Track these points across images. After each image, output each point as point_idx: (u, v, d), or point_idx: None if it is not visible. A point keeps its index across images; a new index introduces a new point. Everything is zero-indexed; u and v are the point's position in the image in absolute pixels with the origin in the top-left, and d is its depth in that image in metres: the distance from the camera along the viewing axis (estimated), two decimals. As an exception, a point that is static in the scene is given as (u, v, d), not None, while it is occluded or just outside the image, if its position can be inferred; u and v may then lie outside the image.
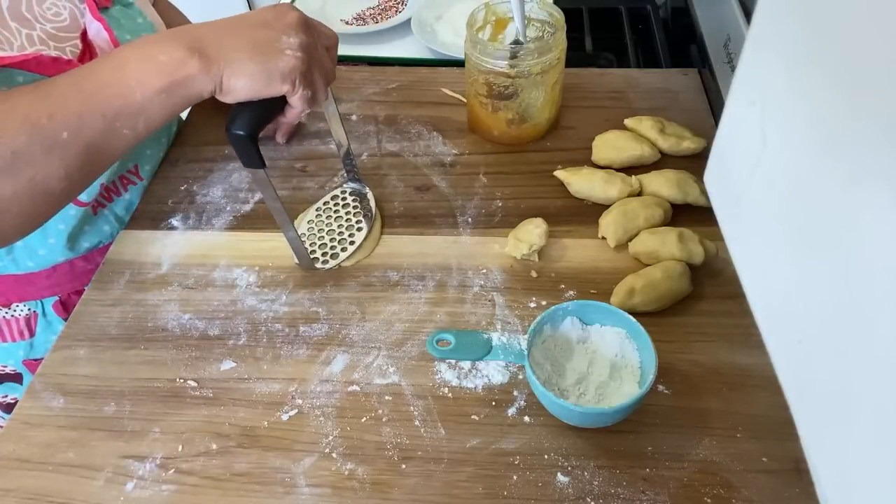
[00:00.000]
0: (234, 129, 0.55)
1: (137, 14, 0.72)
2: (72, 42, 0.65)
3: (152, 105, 0.54)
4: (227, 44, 0.55)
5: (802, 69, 0.31)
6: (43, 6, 0.63)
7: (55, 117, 0.52)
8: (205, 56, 0.54)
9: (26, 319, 0.76)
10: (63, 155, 0.53)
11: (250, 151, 0.56)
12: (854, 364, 0.27)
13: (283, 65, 0.55)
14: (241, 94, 0.55)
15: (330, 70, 0.61)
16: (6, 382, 0.80)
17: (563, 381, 0.56)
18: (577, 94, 0.87)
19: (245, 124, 0.55)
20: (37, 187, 0.53)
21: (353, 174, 0.75)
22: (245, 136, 0.55)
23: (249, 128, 0.55)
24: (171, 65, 0.53)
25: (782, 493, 0.51)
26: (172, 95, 0.54)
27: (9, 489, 0.54)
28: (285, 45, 0.55)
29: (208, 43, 0.54)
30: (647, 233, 0.66)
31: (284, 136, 0.82)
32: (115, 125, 0.54)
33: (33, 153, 0.51)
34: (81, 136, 0.53)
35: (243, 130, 0.55)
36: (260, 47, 0.55)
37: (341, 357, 0.62)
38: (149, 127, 0.55)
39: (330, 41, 0.62)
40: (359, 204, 0.74)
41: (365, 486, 0.53)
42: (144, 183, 0.79)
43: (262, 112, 0.57)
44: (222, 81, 0.54)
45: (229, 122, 0.55)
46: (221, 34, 0.55)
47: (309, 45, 0.57)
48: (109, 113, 0.53)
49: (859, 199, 0.26)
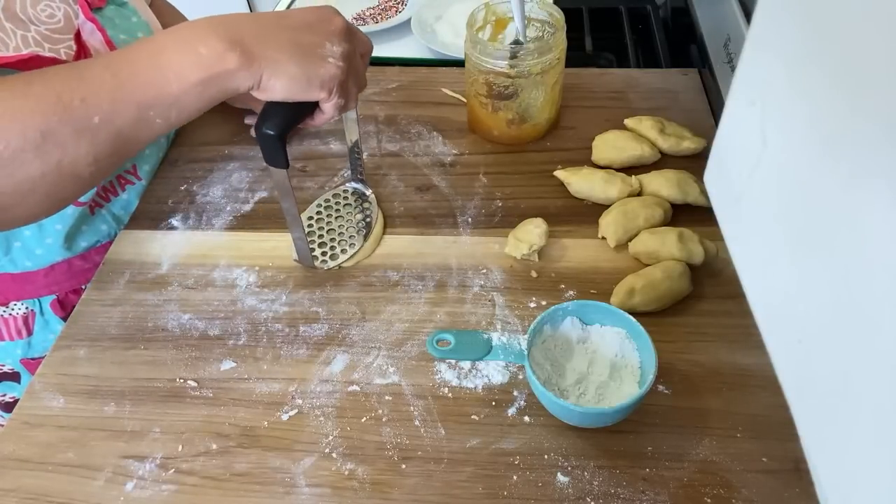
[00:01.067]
0: (264, 129, 0.56)
1: (132, 13, 0.72)
2: (66, 43, 0.65)
3: (188, 97, 0.53)
4: (269, 42, 0.54)
5: (802, 69, 0.31)
6: (37, 7, 0.63)
7: (88, 101, 0.51)
8: (246, 52, 0.53)
9: (24, 318, 0.76)
10: (93, 139, 0.52)
11: (278, 151, 0.57)
12: (854, 364, 0.27)
13: (325, 72, 0.55)
14: (278, 95, 0.55)
15: (363, 79, 0.61)
16: (4, 381, 0.80)
17: (563, 381, 0.56)
18: (577, 94, 0.87)
19: (276, 125, 0.56)
20: (64, 170, 0.52)
21: (357, 174, 0.75)
22: (275, 136, 0.56)
23: (280, 128, 0.56)
24: (210, 58, 0.52)
25: (782, 493, 0.51)
26: (209, 88, 0.53)
27: (9, 489, 0.54)
28: (328, 53, 0.55)
29: (250, 38, 0.53)
30: (647, 233, 0.66)
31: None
32: (149, 114, 0.53)
33: (64, 135, 0.51)
34: (113, 123, 0.52)
35: (274, 130, 0.56)
36: (303, 51, 0.54)
37: (341, 357, 0.62)
38: (181, 118, 0.55)
39: (366, 48, 0.62)
40: (361, 205, 0.74)
41: (365, 486, 0.53)
42: (142, 183, 0.79)
43: (293, 114, 0.57)
44: (261, 80, 0.54)
45: (260, 120, 0.56)
46: (264, 30, 0.55)
47: (350, 55, 0.57)
48: (144, 102, 0.52)
49: (859, 199, 0.26)
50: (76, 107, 0.51)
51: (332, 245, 0.70)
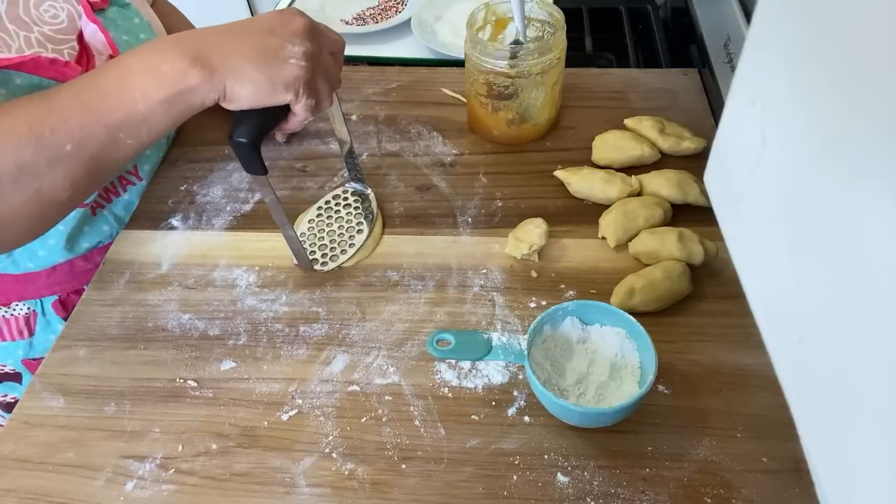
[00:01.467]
0: (236, 137, 0.55)
1: (134, 14, 0.72)
2: (69, 44, 0.65)
3: (155, 115, 0.54)
4: (230, 51, 0.54)
5: (802, 69, 0.31)
6: (40, 8, 0.63)
7: (58, 130, 0.52)
8: (208, 65, 0.53)
9: (25, 318, 0.76)
10: (68, 166, 0.53)
11: (252, 158, 0.56)
12: (854, 364, 0.27)
13: (287, 74, 0.55)
14: (245, 103, 0.55)
15: (335, 77, 0.61)
16: (5, 382, 0.80)
17: (563, 381, 0.56)
18: (577, 94, 0.87)
19: (247, 132, 0.56)
20: (43, 197, 0.54)
21: (355, 174, 0.75)
22: (247, 144, 0.56)
23: (251, 135, 0.56)
24: (173, 76, 0.53)
25: (782, 493, 0.51)
26: (175, 105, 0.54)
27: (9, 489, 0.54)
28: (290, 54, 0.55)
29: (212, 51, 0.54)
30: (647, 233, 0.66)
31: (284, 137, 0.82)
32: (119, 136, 0.54)
33: (38, 165, 0.52)
34: (85, 148, 0.53)
35: (245, 138, 0.55)
36: (264, 56, 0.54)
37: (341, 357, 0.62)
38: (152, 136, 0.55)
39: (336, 46, 0.61)
40: (360, 205, 0.74)
41: (365, 486, 0.53)
42: (144, 183, 0.79)
43: (264, 120, 0.57)
44: (225, 90, 0.54)
45: (232, 129, 0.56)
46: (226, 41, 0.55)
47: (314, 54, 0.57)
48: (112, 124, 0.53)
49: (859, 199, 0.26)
50: (47, 137, 0.51)
51: (332, 247, 0.70)
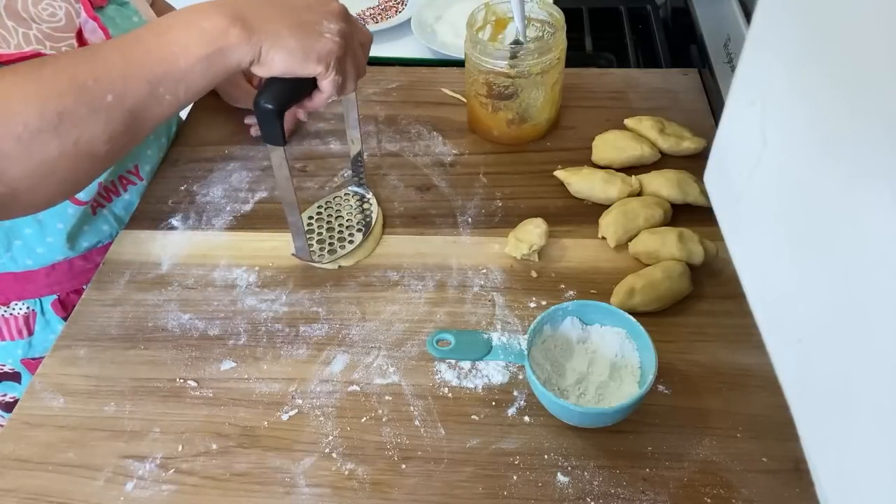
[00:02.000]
0: (263, 102, 0.56)
1: (133, 13, 0.73)
2: (67, 42, 0.65)
3: (194, 72, 0.55)
4: (270, 17, 0.56)
5: (802, 69, 0.31)
6: (39, 6, 0.63)
7: (101, 80, 0.52)
8: (247, 26, 0.55)
9: (25, 318, 0.76)
10: (108, 118, 0.53)
11: (275, 126, 0.57)
12: (854, 364, 0.27)
13: (321, 46, 0.56)
14: (277, 69, 0.56)
15: (362, 65, 0.63)
16: (5, 381, 0.80)
17: (563, 381, 0.56)
18: (577, 94, 0.87)
19: (274, 98, 0.56)
20: (81, 149, 0.54)
21: (359, 179, 0.75)
22: (273, 111, 0.56)
23: (277, 103, 0.56)
24: (213, 32, 0.54)
25: (782, 493, 0.51)
26: (214, 63, 0.55)
27: (9, 489, 0.54)
28: (325, 29, 0.57)
29: (251, 14, 0.55)
30: (647, 233, 0.66)
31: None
32: (158, 90, 0.54)
33: (79, 115, 0.52)
34: (126, 100, 0.53)
35: (272, 104, 0.56)
36: (302, 26, 0.56)
37: (341, 357, 0.62)
38: (189, 95, 0.56)
39: (365, 38, 0.64)
40: (361, 206, 0.74)
41: (365, 486, 0.53)
42: (144, 183, 0.79)
43: (292, 90, 0.58)
44: (261, 53, 0.55)
45: (259, 94, 0.56)
46: (266, 8, 0.57)
47: (347, 34, 0.59)
48: (153, 78, 0.54)
49: (859, 199, 0.26)
50: (90, 87, 0.52)
51: (330, 242, 0.70)
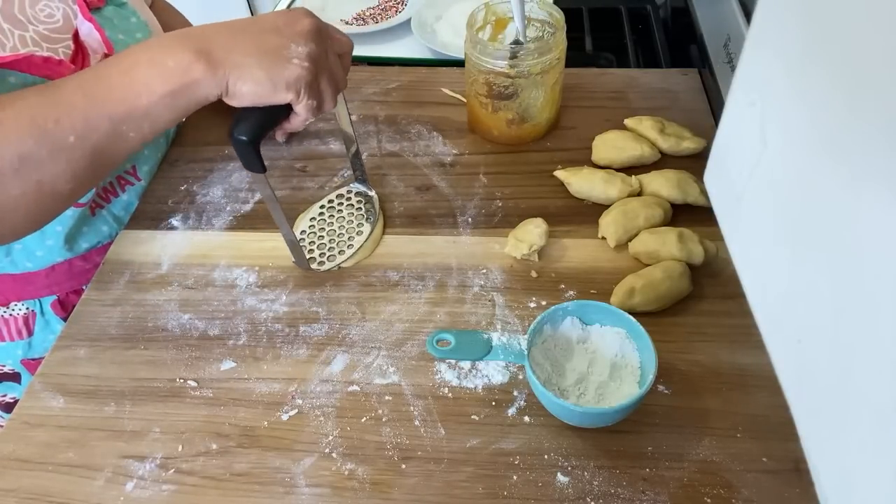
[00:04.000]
0: (236, 134, 0.56)
1: (131, 14, 0.72)
2: (64, 43, 0.65)
3: (158, 109, 0.54)
4: (235, 48, 0.55)
5: (802, 69, 0.31)
6: (36, 7, 0.63)
7: (62, 121, 0.52)
8: (211, 60, 0.54)
9: (24, 319, 0.76)
10: (70, 158, 0.53)
11: (252, 156, 0.57)
12: (854, 364, 0.27)
13: (289, 73, 0.55)
14: (247, 100, 0.56)
15: (340, 78, 0.61)
16: (4, 382, 0.80)
17: (563, 381, 0.56)
18: (577, 94, 0.87)
19: (248, 130, 0.56)
20: (44, 188, 0.54)
21: (360, 174, 0.75)
22: (247, 142, 0.56)
23: (252, 133, 0.56)
24: (177, 70, 0.53)
25: (782, 493, 0.51)
26: (178, 99, 0.54)
27: (9, 489, 0.54)
28: (293, 54, 0.55)
29: (216, 46, 0.54)
30: (647, 233, 0.66)
31: (284, 136, 0.82)
32: (122, 128, 0.54)
33: (40, 156, 0.52)
34: (88, 140, 0.53)
35: (245, 136, 0.56)
36: (267, 54, 0.55)
37: (341, 357, 0.62)
38: (155, 129, 0.56)
39: (343, 48, 0.61)
40: (363, 205, 0.74)
41: (365, 486, 0.53)
42: (143, 184, 0.79)
43: (265, 118, 0.57)
44: (228, 86, 0.54)
45: (232, 126, 0.56)
46: (231, 37, 0.55)
47: (318, 55, 0.57)
48: (116, 117, 0.53)
49: (859, 198, 0.26)
50: (51, 129, 0.52)
51: (330, 247, 0.70)
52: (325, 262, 0.69)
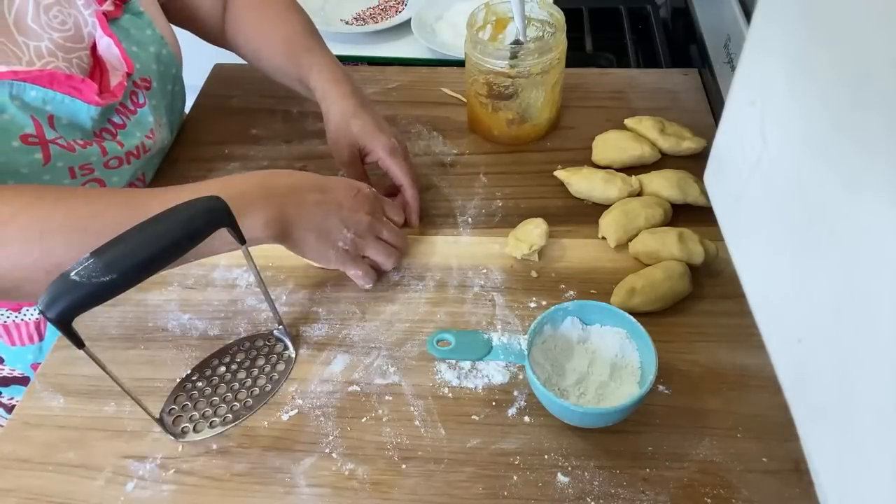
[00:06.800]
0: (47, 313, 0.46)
1: (147, 25, 0.72)
2: (78, 53, 0.65)
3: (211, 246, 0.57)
4: (300, 223, 0.60)
5: (802, 69, 0.31)
6: (49, 14, 0.63)
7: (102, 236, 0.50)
8: (278, 233, 0.59)
9: (35, 324, 0.76)
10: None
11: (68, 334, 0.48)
12: (854, 364, 0.27)
13: (333, 255, 0.62)
14: (306, 259, 0.65)
15: (396, 238, 0.67)
16: (14, 385, 0.80)
17: (563, 381, 0.56)
18: (577, 94, 0.87)
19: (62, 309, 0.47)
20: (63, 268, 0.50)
21: (277, 320, 0.62)
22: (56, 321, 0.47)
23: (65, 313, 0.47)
24: (245, 230, 0.55)
25: (782, 493, 0.51)
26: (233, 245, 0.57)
27: (9, 489, 0.54)
28: (340, 238, 0.62)
29: (286, 218, 0.59)
30: (647, 233, 0.66)
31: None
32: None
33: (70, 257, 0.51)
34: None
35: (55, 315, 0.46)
36: (321, 236, 0.61)
37: (341, 357, 0.62)
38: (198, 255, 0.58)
39: (396, 217, 0.69)
40: (271, 362, 0.62)
41: (365, 486, 0.53)
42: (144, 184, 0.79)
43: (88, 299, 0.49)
44: (285, 243, 0.61)
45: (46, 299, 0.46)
46: (299, 209, 0.60)
47: (364, 234, 0.64)
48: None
49: (859, 198, 0.26)
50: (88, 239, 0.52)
51: (204, 412, 0.58)
52: (189, 433, 0.57)
